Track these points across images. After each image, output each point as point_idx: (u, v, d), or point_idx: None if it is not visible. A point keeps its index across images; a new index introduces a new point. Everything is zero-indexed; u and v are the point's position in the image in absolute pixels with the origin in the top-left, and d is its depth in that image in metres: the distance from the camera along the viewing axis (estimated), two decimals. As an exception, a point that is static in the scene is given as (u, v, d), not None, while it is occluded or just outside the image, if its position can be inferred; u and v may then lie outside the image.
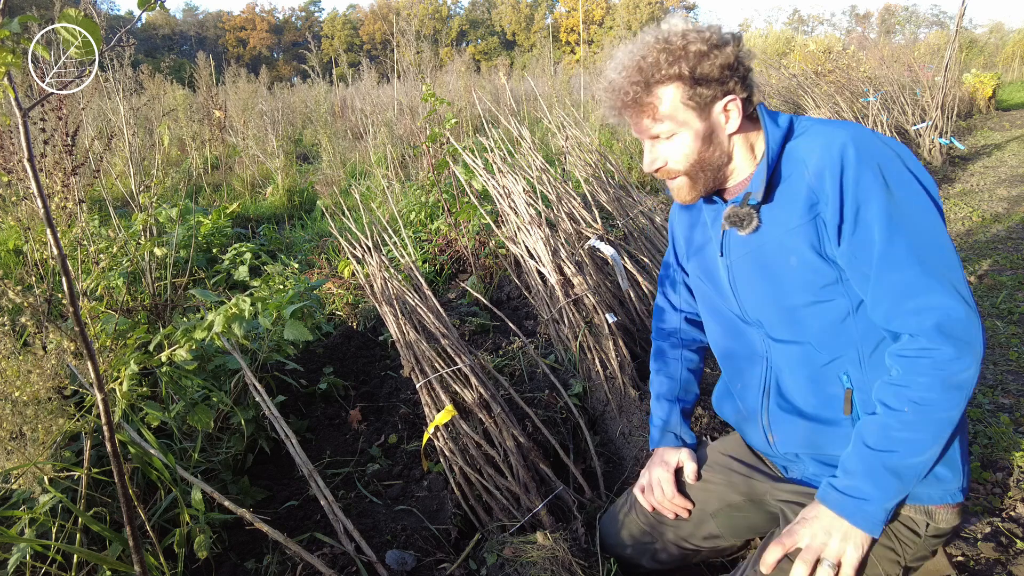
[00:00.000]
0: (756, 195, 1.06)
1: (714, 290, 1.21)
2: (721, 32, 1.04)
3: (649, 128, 1.06)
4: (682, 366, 1.38)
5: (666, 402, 1.35)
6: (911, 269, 0.93)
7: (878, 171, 0.94)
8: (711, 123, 1.05)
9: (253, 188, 6.63)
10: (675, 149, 1.07)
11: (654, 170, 1.11)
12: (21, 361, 1.17)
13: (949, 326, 0.91)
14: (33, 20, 0.72)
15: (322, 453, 1.84)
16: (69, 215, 2.00)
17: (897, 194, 0.94)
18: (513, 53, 39.01)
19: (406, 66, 8.34)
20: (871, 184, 0.94)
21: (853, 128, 0.99)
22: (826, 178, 0.97)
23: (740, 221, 1.07)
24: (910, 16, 46.76)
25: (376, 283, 2.01)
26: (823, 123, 1.05)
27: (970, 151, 6.89)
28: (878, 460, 0.94)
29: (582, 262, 2.32)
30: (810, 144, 1.02)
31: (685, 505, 1.24)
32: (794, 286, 1.04)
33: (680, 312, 1.40)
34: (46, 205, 0.74)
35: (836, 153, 0.97)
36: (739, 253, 1.12)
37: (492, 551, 1.30)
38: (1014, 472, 1.69)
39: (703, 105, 1.03)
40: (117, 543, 1.24)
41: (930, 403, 0.92)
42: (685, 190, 1.12)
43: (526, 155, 2.86)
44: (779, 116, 1.09)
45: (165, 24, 46.81)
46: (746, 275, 1.12)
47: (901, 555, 1.03)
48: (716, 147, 1.07)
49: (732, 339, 1.21)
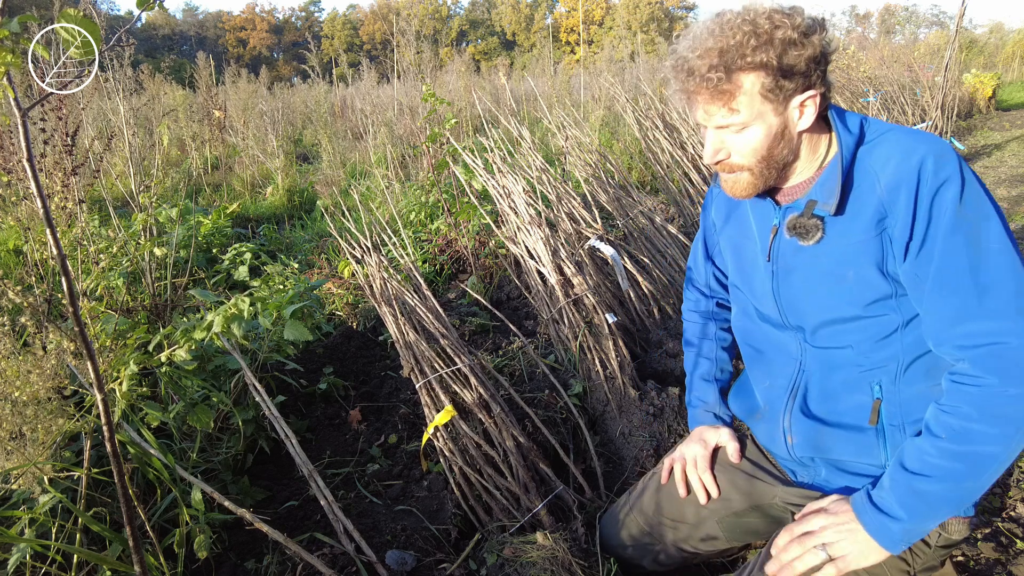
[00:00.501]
0: (825, 206, 0.99)
1: (750, 293, 1.17)
2: (808, 17, 0.95)
3: (721, 117, 0.98)
4: (716, 345, 1.35)
5: (703, 382, 1.32)
6: (968, 293, 0.88)
7: (955, 191, 0.89)
8: (785, 118, 0.98)
9: (253, 188, 6.63)
10: (744, 142, 0.99)
11: (716, 161, 1.02)
12: (21, 361, 1.17)
13: (998, 354, 0.86)
14: (33, 20, 0.72)
15: (322, 453, 1.84)
16: (69, 215, 2.00)
17: (970, 215, 0.89)
18: (513, 53, 39.02)
19: (406, 66, 8.35)
20: (946, 204, 0.89)
21: (931, 142, 0.93)
22: (900, 193, 0.92)
23: (805, 232, 1.01)
24: (910, 16, 46.76)
25: (376, 283, 2.01)
26: (898, 132, 0.98)
27: (970, 151, 6.89)
28: (910, 483, 0.91)
29: (582, 262, 2.32)
30: (885, 155, 0.96)
31: (712, 487, 1.21)
32: (847, 299, 1.01)
33: (712, 298, 1.38)
34: (46, 205, 0.74)
35: (914, 168, 0.91)
36: (790, 261, 1.07)
37: (492, 551, 1.30)
38: (1014, 472, 1.69)
39: (783, 99, 0.96)
40: (117, 543, 1.24)
41: (969, 434, 0.87)
42: (742, 185, 1.04)
43: (526, 155, 2.86)
44: (849, 118, 1.02)
45: (165, 24, 46.81)
46: (795, 284, 1.07)
47: (911, 564, 1.02)
48: (786, 144, 1.00)
49: (764, 339, 1.18)
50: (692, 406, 1.34)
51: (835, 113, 1.02)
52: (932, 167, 0.90)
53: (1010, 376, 0.85)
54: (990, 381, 0.86)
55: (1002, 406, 0.85)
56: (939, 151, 0.91)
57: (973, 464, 0.87)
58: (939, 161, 0.90)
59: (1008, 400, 0.85)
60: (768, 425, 1.16)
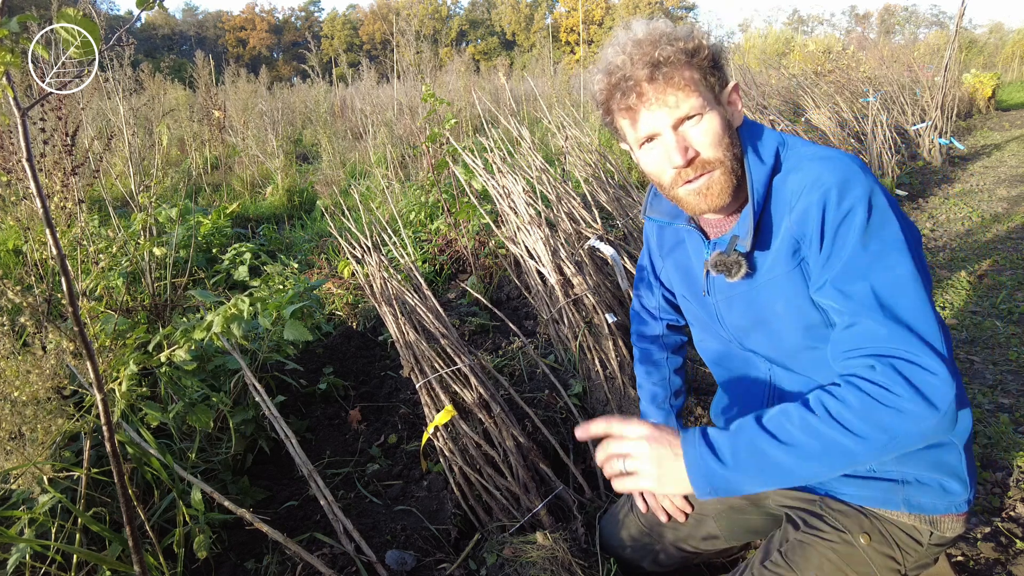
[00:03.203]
0: (743, 242, 0.97)
1: (706, 317, 1.15)
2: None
3: (677, 104, 0.93)
4: (669, 370, 1.36)
5: (659, 410, 1.34)
6: (874, 320, 0.85)
7: (859, 220, 0.87)
8: (724, 111, 0.97)
9: (253, 188, 6.62)
10: (707, 130, 0.94)
11: (688, 159, 0.95)
12: (20, 361, 1.17)
13: (907, 371, 0.81)
14: (33, 20, 0.71)
15: (322, 453, 1.83)
16: (69, 215, 2.00)
17: (873, 243, 0.87)
18: (513, 53, 39.01)
19: (406, 66, 8.34)
20: (849, 234, 0.87)
21: (837, 170, 0.90)
22: (808, 226, 0.91)
23: (728, 270, 0.99)
24: (910, 16, 46.76)
25: (376, 283, 2.01)
26: (810, 159, 0.94)
27: (970, 151, 6.89)
28: (755, 438, 0.85)
29: (582, 262, 2.32)
30: (797, 185, 0.93)
31: (683, 507, 1.23)
32: (788, 330, 0.99)
33: (661, 320, 1.38)
34: (45, 205, 0.74)
35: (820, 200, 0.89)
36: (728, 294, 1.06)
37: (492, 551, 1.30)
38: (1014, 472, 1.69)
39: (718, 89, 0.96)
40: (117, 543, 1.24)
41: (843, 422, 0.81)
42: (717, 189, 0.97)
43: (526, 155, 2.86)
44: (763, 146, 0.99)
45: (165, 24, 46.80)
46: (737, 317, 1.07)
47: (901, 563, 1.01)
48: (734, 142, 0.97)
49: (730, 359, 1.16)
50: None
51: (748, 137, 1.00)
52: (836, 198, 0.88)
53: (908, 395, 0.80)
54: (891, 391, 0.81)
55: (888, 416, 0.80)
56: (843, 180, 0.89)
57: (828, 449, 0.82)
58: (843, 191, 0.88)
59: (896, 414, 0.80)
60: None
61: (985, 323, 2.61)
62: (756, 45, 19.01)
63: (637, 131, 0.97)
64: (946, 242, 3.81)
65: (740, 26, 58.46)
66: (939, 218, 4.36)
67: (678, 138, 0.94)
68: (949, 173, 5.84)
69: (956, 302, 2.88)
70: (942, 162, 6.06)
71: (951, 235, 3.95)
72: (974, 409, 2.00)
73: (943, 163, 6.06)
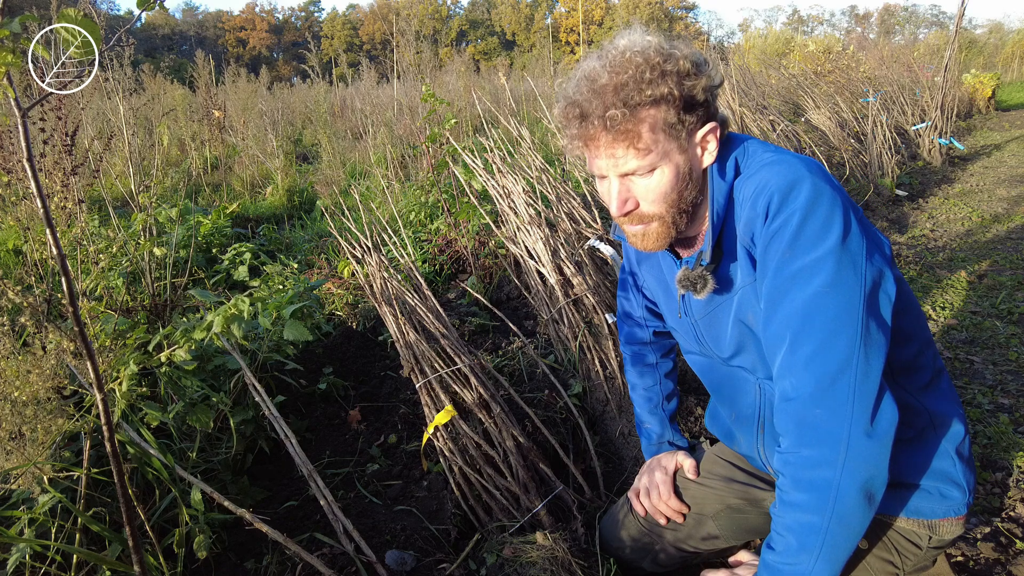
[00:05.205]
0: (705, 256, 0.96)
1: (685, 334, 1.14)
2: (692, 50, 0.91)
3: (625, 162, 0.89)
4: (659, 375, 1.36)
5: (652, 416, 1.34)
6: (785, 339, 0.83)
7: (789, 232, 0.83)
8: (690, 156, 0.92)
9: (253, 188, 6.62)
10: (653, 187, 0.91)
11: (626, 211, 0.93)
12: (20, 361, 1.17)
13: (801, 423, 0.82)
14: (33, 20, 0.72)
15: (322, 453, 1.83)
16: (68, 215, 2.00)
17: (799, 255, 0.83)
18: (513, 53, 39.01)
19: (406, 66, 8.34)
20: (778, 244, 0.84)
21: (782, 176, 0.85)
22: (752, 234, 0.89)
23: (693, 285, 0.97)
24: (910, 16, 46.76)
25: (376, 283, 2.01)
26: (763, 167, 0.90)
27: (970, 151, 6.89)
28: None
29: (582, 262, 2.32)
30: (748, 194, 0.90)
31: (680, 509, 1.22)
32: (761, 343, 0.97)
33: (647, 328, 1.37)
34: (45, 205, 0.74)
35: (762, 209, 0.86)
36: (702, 310, 1.05)
37: (492, 551, 1.30)
38: (1014, 472, 1.69)
39: (687, 134, 0.90)
40: (117, 543, 1.24)
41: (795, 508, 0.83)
42: (653, 237, 0.96)
43: (526, 155, 2.86)
44: (726, 162, 0.95)
45: (165, 24, 46.81)
46: (714, 332, 1.05)
47: (900, 567, 1.01)
48: (693, 185, 0.94)
49: (716, 373, 1.15)
50: (646, 438, 1.35)
51: (718, 156, 0.96)
52: (776, 205, 0.84)
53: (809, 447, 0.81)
54: (788, 442, 0.83)
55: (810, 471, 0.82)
56: (787, 185, 0.84)
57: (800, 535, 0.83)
58: (784, 198, 0.84)
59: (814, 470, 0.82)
60: (747, 451, 1.16)
61: (985, 323, 2.61)
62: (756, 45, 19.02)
63: (589, 165, 0.97)
64: (946, 242, 3.81)
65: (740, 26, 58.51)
66: (939, 218, 4.36)
67: (621, 188, 0.93)
68: (949, 173, 5.84)
69: (956, 302, 2.88)
70: (942, 162, 6.06)
71: (951, 235, 3.95)
72: (974, 409, 2.00)
73: (943, 163, 6.06)
